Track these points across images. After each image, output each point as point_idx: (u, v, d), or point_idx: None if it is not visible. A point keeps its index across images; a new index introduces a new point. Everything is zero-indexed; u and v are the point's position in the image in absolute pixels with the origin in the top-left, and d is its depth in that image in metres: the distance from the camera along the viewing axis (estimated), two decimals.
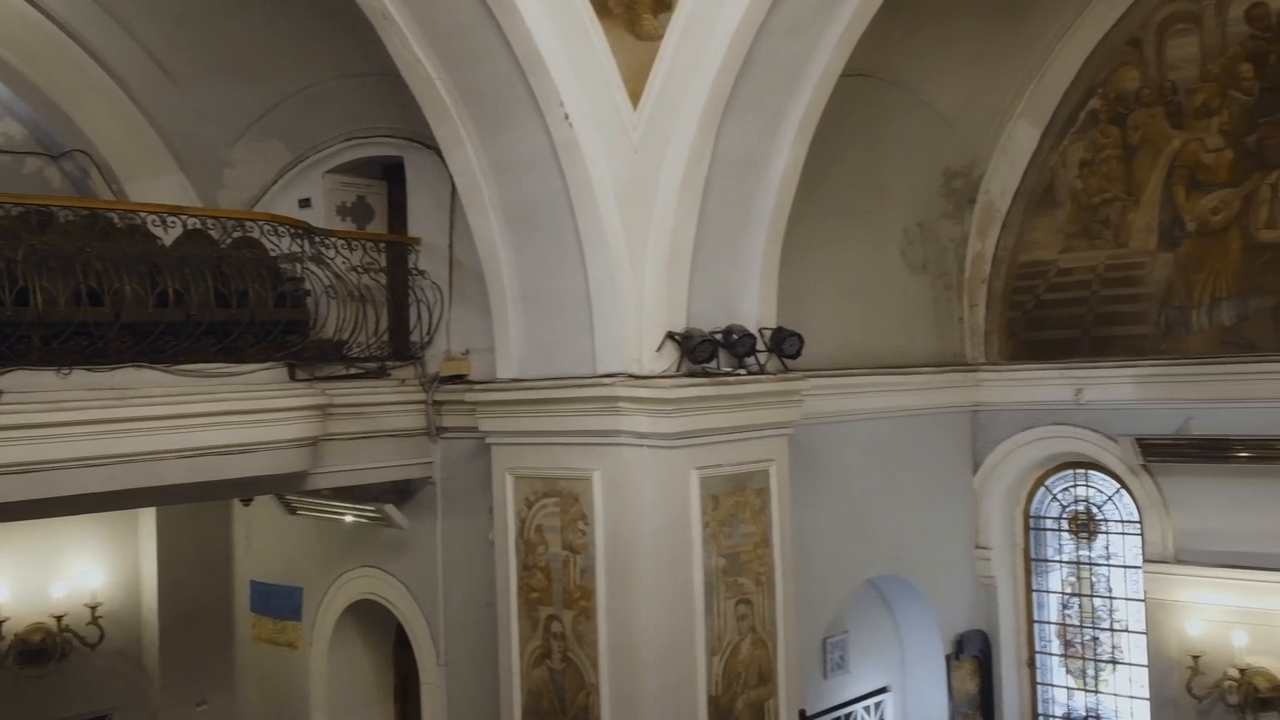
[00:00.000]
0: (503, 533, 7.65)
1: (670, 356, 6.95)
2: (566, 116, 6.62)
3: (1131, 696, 10.91)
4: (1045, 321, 10.97)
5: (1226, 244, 9.97)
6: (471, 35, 6.57)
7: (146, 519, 10.25)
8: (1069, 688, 11.34)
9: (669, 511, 7.02)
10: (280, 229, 7.83)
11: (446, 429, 8.62)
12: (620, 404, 6.93)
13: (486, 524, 7.98)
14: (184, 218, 7.46)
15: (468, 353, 8.53)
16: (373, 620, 9.88)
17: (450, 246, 8.66)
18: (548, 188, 6.95)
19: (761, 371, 7.33)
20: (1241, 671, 9.64)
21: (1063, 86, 10.71)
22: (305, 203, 9.39)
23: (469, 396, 7.93)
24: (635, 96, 6.84)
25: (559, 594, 7.31)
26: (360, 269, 8.32)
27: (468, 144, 7.11)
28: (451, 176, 7.50)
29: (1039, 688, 11.43)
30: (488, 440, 7.78)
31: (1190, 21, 10.10)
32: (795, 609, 7.77)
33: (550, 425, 7.33)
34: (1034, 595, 11.45)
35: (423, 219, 8.88)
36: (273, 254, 7.79)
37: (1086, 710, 11.23)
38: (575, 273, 7.05)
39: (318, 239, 8.03)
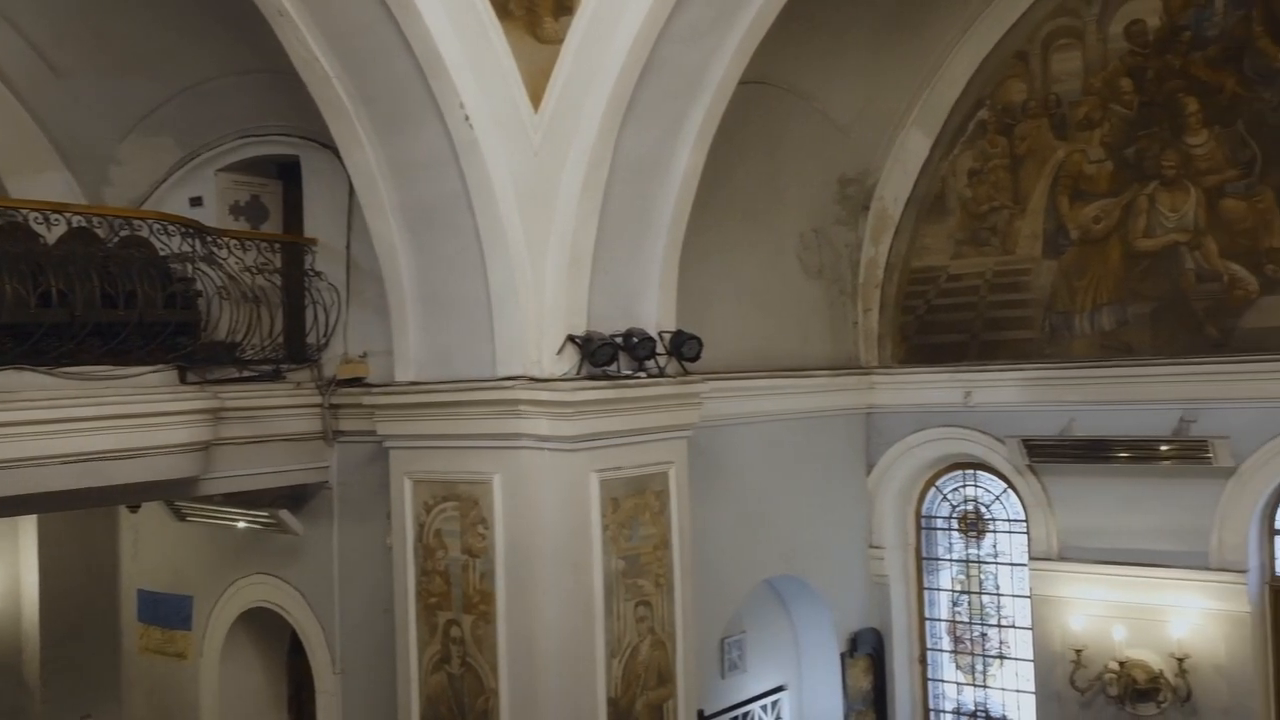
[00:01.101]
0: (401, 537, 7.57)
1: (570, 359, 6.96)
2: (467, 118, 6.59)
3: (1018, 690, 11.25)
4: (936, 326, 11.25)
5: (1107, 252, 10.35)
6: (370, 34, 6.50)
7: (27, 526, 9.91)
8: (959, 683, 11.64)
9: (569, 514, 7.03)
10: (170, 228, 7.64)
11: (343, 433, 8.50)
12: (520, 407, 6.91)
13: (384, 529, 7.89)
14: (68, 215, 7.23)
15: (365, 355, 8.43)
16: (266, 628, 9.69)
17: (348, 248, 8.55)
18: (448, 189, 6.90)
19: (661, 374, 7.38)
20: (1121, 664, 10.01)
21: (953, 97, 11.01)
22: (196, 201, 9.16)
23: (367, 400, 7.84)
24: (536, 99, 6.83)
25: (458, 598, 7.25)
26: (254, 270, 8.16)
27: (366, 144, 7.02)
28: (349, 177, 7.39)
29: (930, 684, 11.72)
30: (386, 444, 7.69)
31: (1073, 37, 10.47)
32: (694, 610, 7.83)
33: (450, 429, 7.28)
34: (925, 593, 11.74)
35: (319, 219, 8.75)
36: (162, 254, 7.60)
37: (975, 705, 11.54)
38: (475, 275, 7.01)
39: (209, 239, 7.85)
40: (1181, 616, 9.87)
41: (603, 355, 6.95)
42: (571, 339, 6.96)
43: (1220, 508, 9.73)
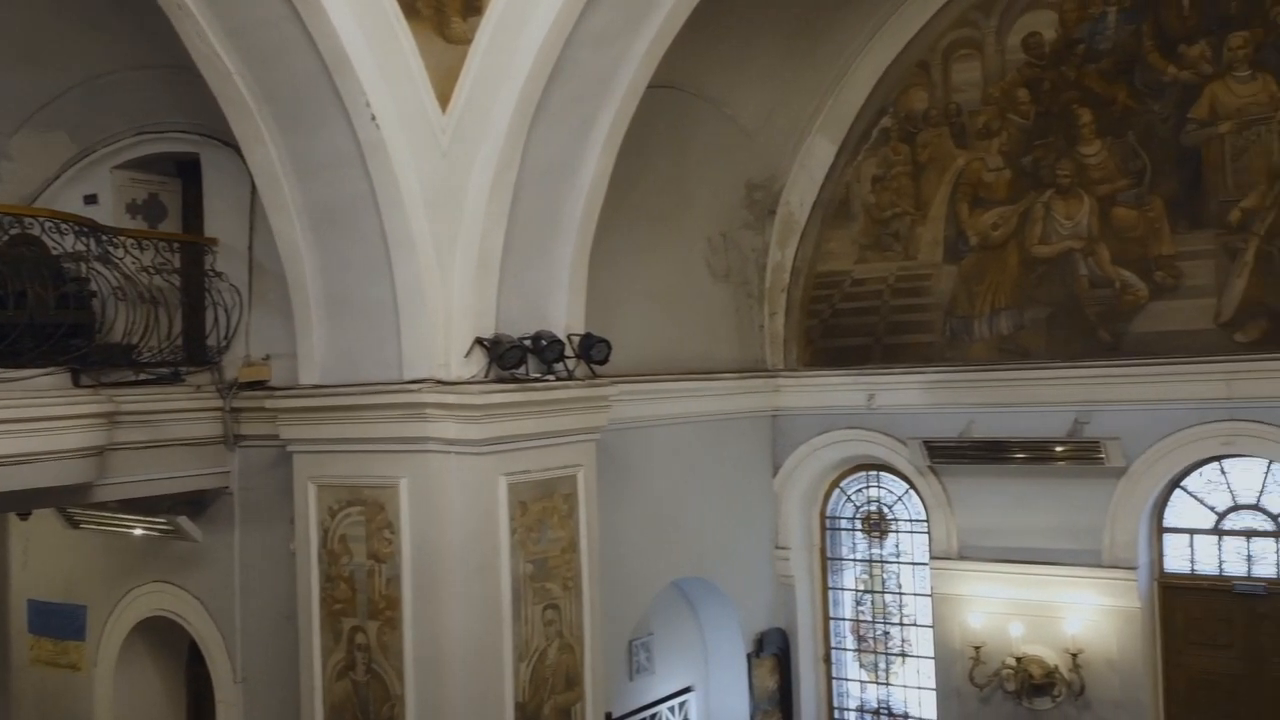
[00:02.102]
0: (304, 543, 7.45)
1: (478, 362, 6.93)
2: (373, 118, 6.52)
3: (919, 687, 11.48)
4: (841, 329, 11.43)
5: (1005, 258, 10.62)
6: (273, 31, 6.39)
7: None
8: (862, 681, 11.84)
9: (477, 518, 6.99)
10: (63, 226, 7.40)
11: (245, 437, 8.32)
12: (427, 410, 6.86)
13: (287, 534, 7.76)
14: None
15: (268, 358, 8.27)
16: (164, 638, 9.44)
17: (250, 248, 8.39)
18: (353, 190, 6.81)
19: (570, 377, 7.39)
20: (1018, 660, 10.28)
21: (857, 105, 11.20)
22: (91, 199, 8.89)
23: (269, 403, 7.69)
24: (444, 100, 6.79)
25: (363, 604, 7.16)
26: (152, 270, 7.96)
27: (269, 143, 6.90)
28: (251, 175, 7.26)
29: (834, 682, 11.90)
30: (289, 448, 7.56)
31: (973, 47, 10.74)
32: (602, 612, 7.84)
33: (355, 432, 7.19)
34: (830, 593, 11.91)
35: (220, 219, 8.56)
36: (55, 253, 7.36)
37: (878, 703, 11.75)
38: (382, 277, 6.94)
39: (105, 237, 7.63)
40: (1075, 613, 10.17)
41: (511, 358, 6.93)
42: (479, 342, 6.92)
43: (1112, 507, 10.06)
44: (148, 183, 9.06)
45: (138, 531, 8.89)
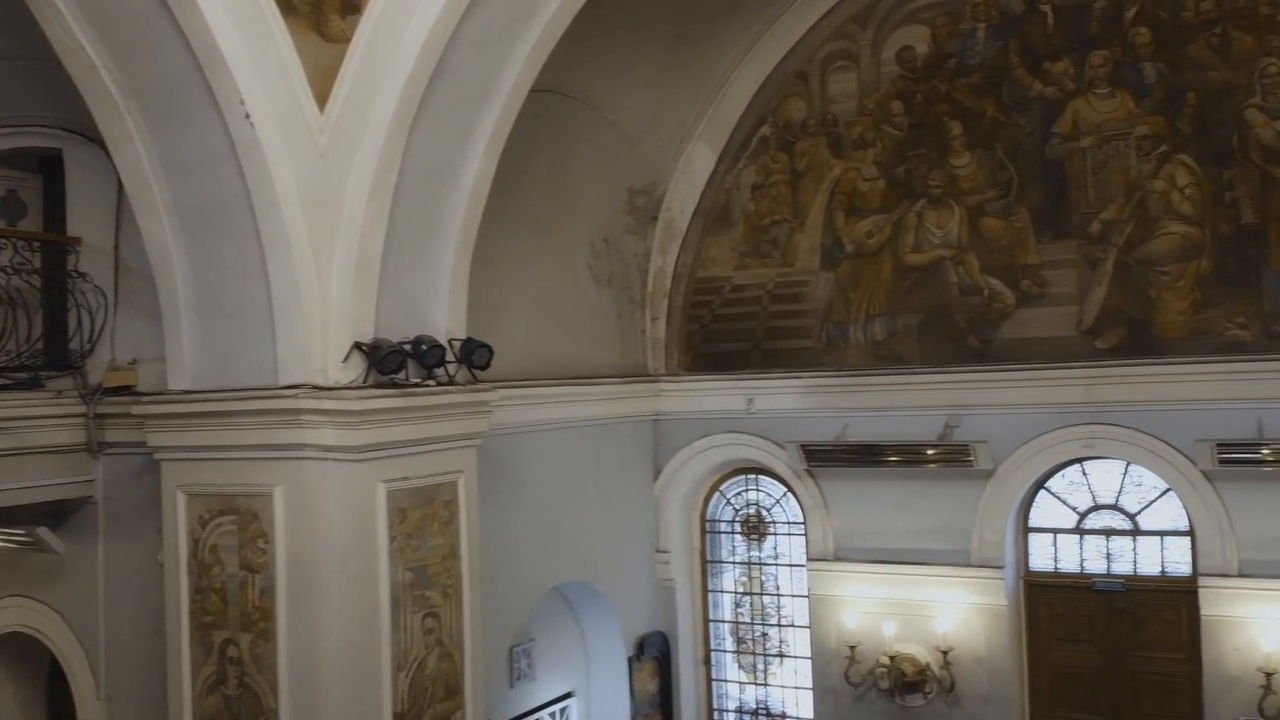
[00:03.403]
0: (173, 554, 7.21)
1: (357, 367, 6.81)
2: (248, 116, 6.35)
3: (797, 687, 11.67)
4: (721, 335, 11.56)
5: (879, 266, 10.88)
6: (143, 25, 6.17)
7: None
8: (741, 682, 11.99)
9: (354, 526, 6.87)
10: None
11: (110, 444, 8.04)
12: (304, 416, 6.72)
13: (155, 545, 7.50)
14: None
15: (135, 362, 7.99)
16: (22, 654, 9.02)
17: (116, 248, 8.12)
18: (227, 189, 6.63)
19: (451, 383, 7.31)
20: (891, 658, 10.54)
21: (737, 113, 11.36)
22: None
23: (136, 409, 7.43)
24: (322, 99, 6.66)
25: (236, 616, 6.97)
26: (10, 270, 7.65)
27: (137, 140, 6.67)
28: (118, 173, 7.00)
29: (714, 684, 12.02)
30: (157, 456, 7.32)
31: (849, 59, 10.98)
32: (483, 620, 7.77)
33: (228, 439, 6.99)
34: (710, 595, 12.04)
35: (84, 217, 8.26)
36: None
37: (757, 703, 11.91)
38: (256, 279, 6.76)
39: None
40: (946, 611, 10.47)
41: (390, 363, 6.82)
42: (358, 346, 6.80)
43: (981, 508, 10.39)
44: (6, 178, 8.68)
45: None
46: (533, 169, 9.76)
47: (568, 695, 11.09)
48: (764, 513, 11.90)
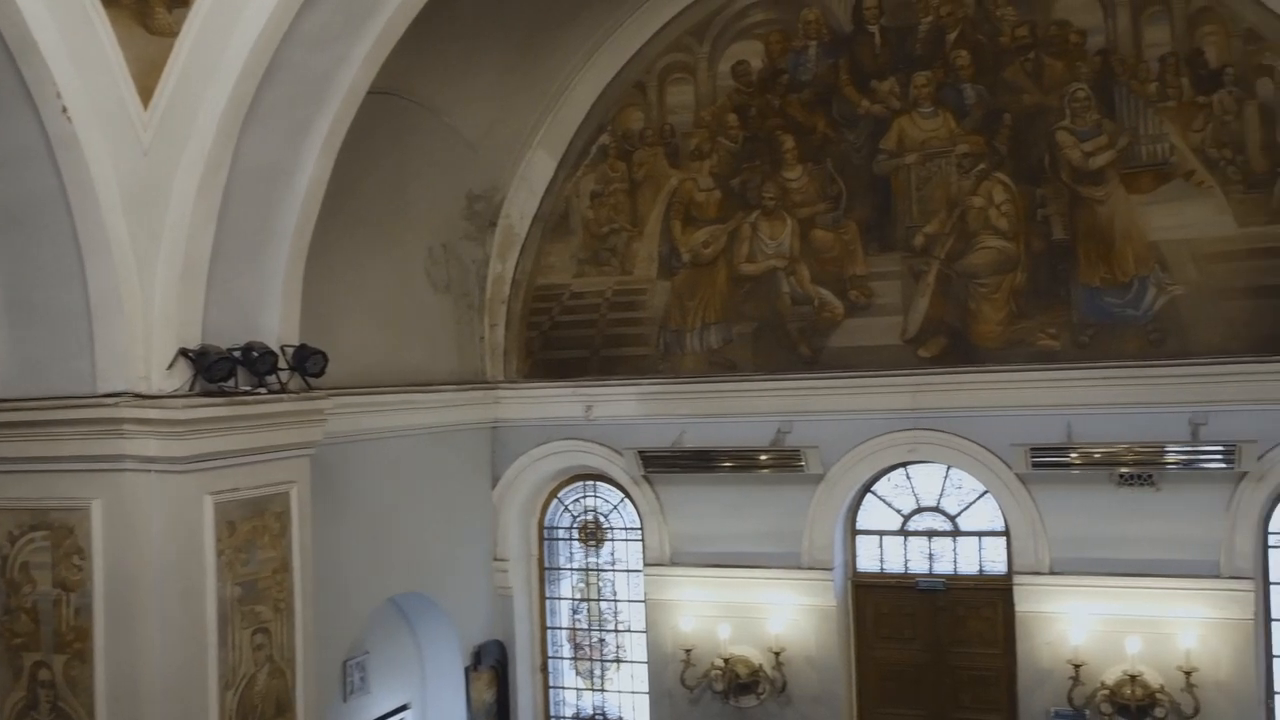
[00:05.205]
0: None
1: (183, 375, 6.53)
2: (64, 109, 6.04)
3: (633, 692, 11.76)
4: (560, 342, 11.57)
5: (715, 275, 11.08)
6: None
7: None
8: (578, 689, 12.01)
9: (179, 541, 6.59)
10: None
11: None
12: (125, 426, 6.42)
13: None
14: None
15: None
16: None
17: None
18: (40, 186, 6.27)
19: (283, 390, 7.08)
20: (726, 661, 10.73)
21: (576, 121, 11.40)
22: None
23: None
24: (146, 94, 6.37)
25: (49, 637, 6.60)
26: None
27: None
28: None
29: (551, 691, 12.01)
30: None
31: (686, 71, 11.16)
32: (315, 634, 7.56)
33: (40, 450, 6.61)
34: (548, 603, 12.02)
35: None
36: None
37: (594, 709, 11.94)
38: (73, 281, 6.42)
39: None
40: (778, 613, 10.73)
41: (219, 370, 6.58)
42: (184, 353, 6.53)
43: (811, 511, 10.70)
44: None
45: None
46: (370, 172, 9.57)
47: (403, 708, 10.90)
48: (602, 519, 11.95)
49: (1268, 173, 9.48)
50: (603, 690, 11.94)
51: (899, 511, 10.97)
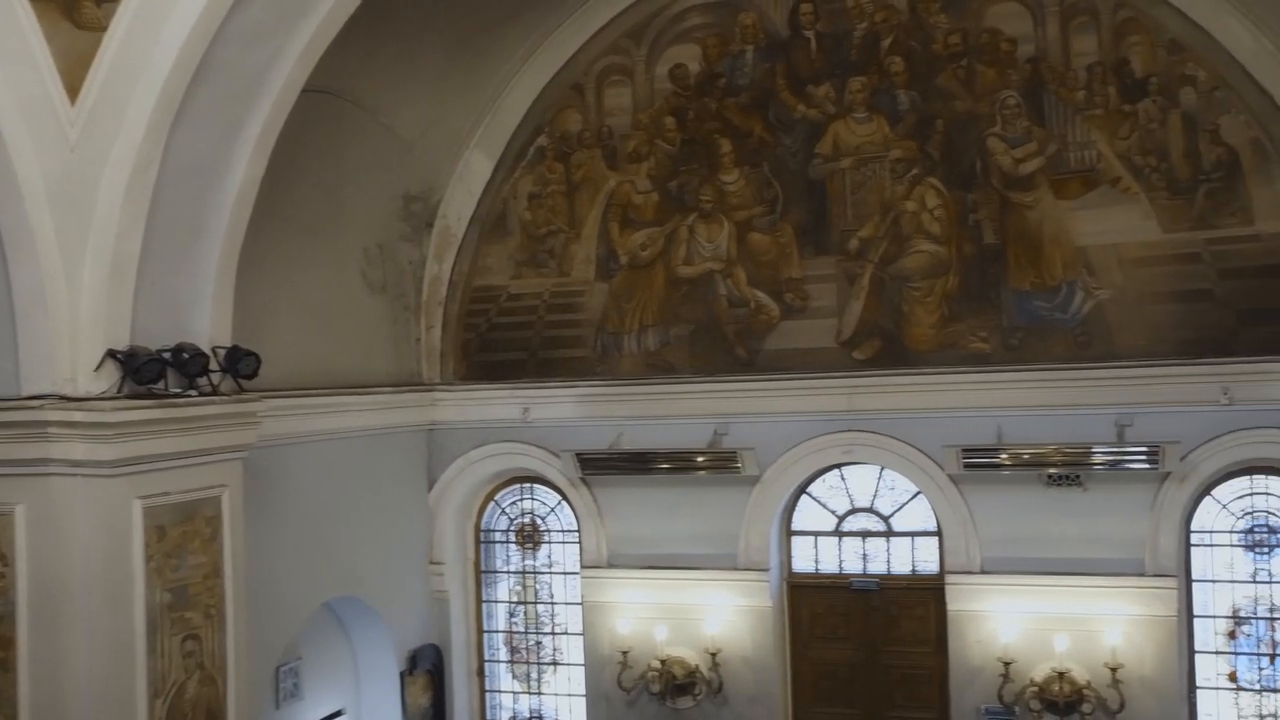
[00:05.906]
0: None
1: (111, 376, 6.41)
2: None
3: (570, 695, 11.74)
4: (497, 344, 11.52)
5: (652, 277, 11.11)
6: None
7: None
8: (515, 692, 11.95)
9: (106, 546, 6.47)
10: None
11: None
12: (50, 429, 6.29)
13: None
14: None
15: None
16: None
17: None
18: None
19: (214, 392, 6.98)
20: (663, 662, 10.75)
21: (514, 123, 11.36)
22: None
23: None
24: (73, 90, 6.26)
25: None
26: None
27: None
28: None
29: (488, 695, 11.95)
30: None
31: (624, 74, 11.18)
32: (247, 640, 7.45)
33: None
34: (484, 606, 11.95)
35: None
36: None
37: (531, 712, 11.90)
38: None
39: None
40: (714, 614, 10.77)
41: (148, 372, 6.46)
42: (112, 354, 6.42)
43: (747, 512, 10.76)
44: None
45: None
46: (305, 172, 9.46)
47: (338, 714, 10.77)
48: (539, 521, 11.92)
49: (1190, 180, 9.72)
50: (540, 693, 11.90)
51: (833, 512, 11.07)
